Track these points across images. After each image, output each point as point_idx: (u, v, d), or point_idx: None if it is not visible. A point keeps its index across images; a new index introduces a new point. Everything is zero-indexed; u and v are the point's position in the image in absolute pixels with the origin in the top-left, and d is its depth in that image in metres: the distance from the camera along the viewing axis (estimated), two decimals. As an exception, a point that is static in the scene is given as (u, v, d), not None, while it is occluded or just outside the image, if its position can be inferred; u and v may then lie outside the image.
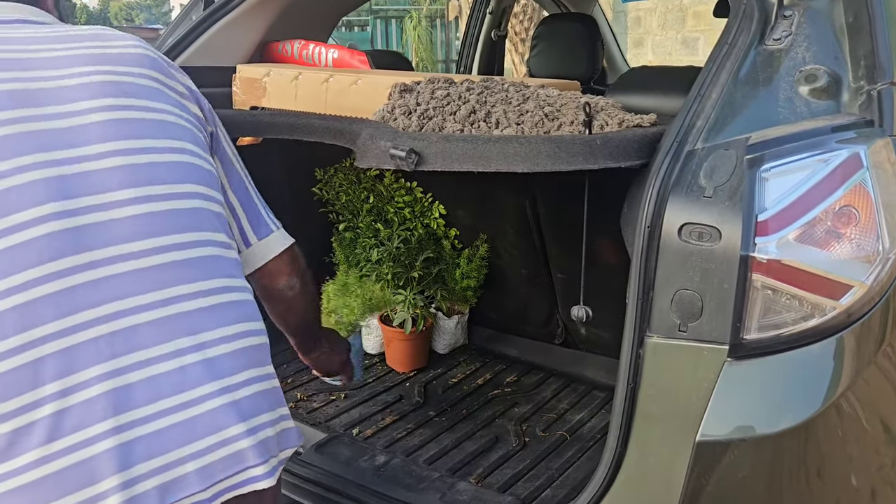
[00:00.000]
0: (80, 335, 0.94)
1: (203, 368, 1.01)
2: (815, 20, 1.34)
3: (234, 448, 1.01)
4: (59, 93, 1.03)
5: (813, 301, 1.11)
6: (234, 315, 1.08)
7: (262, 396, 1.07)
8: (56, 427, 0.91)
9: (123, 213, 1.01)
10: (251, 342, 1.09)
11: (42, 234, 0.94)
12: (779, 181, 1.11)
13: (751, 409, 1.15)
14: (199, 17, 2.24)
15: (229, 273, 1.11)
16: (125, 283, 0.99)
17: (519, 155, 1.29)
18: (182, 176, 1.09)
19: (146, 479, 0.93)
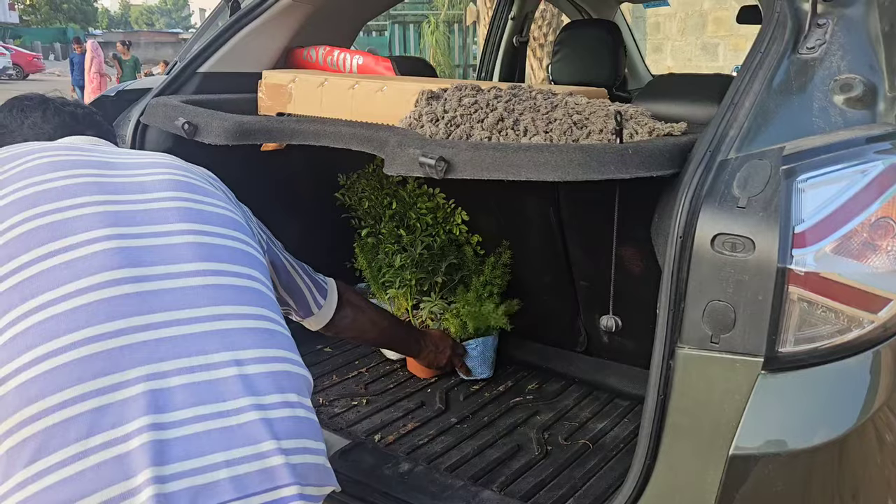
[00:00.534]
0: (127, 338, 1.00)
1: (241, 382, 1.05)
2: (849, 29, 1.32)
3: (268, 464, 1.01)
4: (148, 215, 1.17)
5: (850, 314, 1.09)
6: (274, 342, 1.13)
7: (298, 422, 1.08)
8: (95, 423, 0.94)
9: (189, 283, 1.13)
10: (289, 368, 1.13)
11: (100, 250, 1.07)
12: (816, 192, 1.10)
13: (785, 423, 1.14)
14: (225, 24, 2.25)
15: (270, 306, 1.20)
16: (176, 295, 1.07)
17: (550, 163, 1.29)
18: (244, 261, 1.23)
19: (179, 479, 0.94)
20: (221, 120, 1.80)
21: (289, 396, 1.09)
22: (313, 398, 2.21)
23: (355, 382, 2.37)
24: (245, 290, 1.16)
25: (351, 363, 2.50)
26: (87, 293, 1.02)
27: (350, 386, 2.35)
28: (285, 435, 1.04)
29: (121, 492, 0.91)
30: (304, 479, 1.04)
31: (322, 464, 1.10)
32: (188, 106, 1.91)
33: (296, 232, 2.57)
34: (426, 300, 2.36)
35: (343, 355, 2.57)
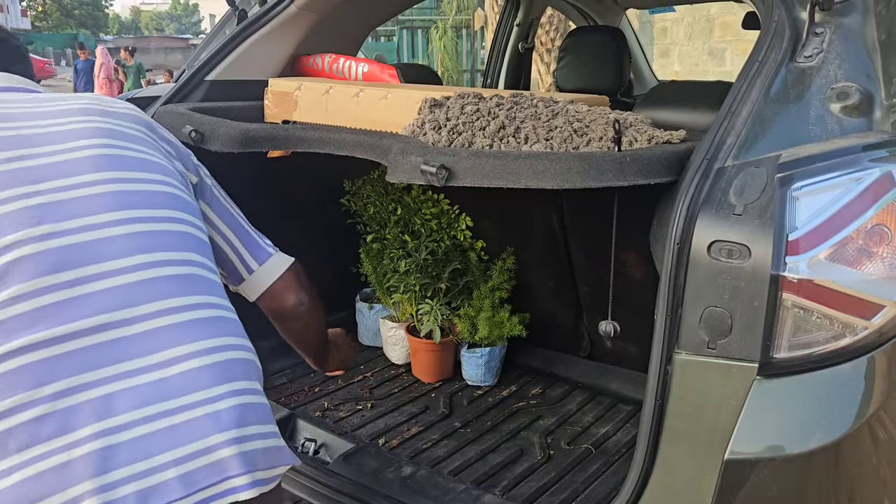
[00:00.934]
0: (64, 346, 0.99)
1: (184, 379, 1.04)
2: (846, 37, 1.34)
3: (216, 457, 1.01)
4: (61, 167, 1.12)
5: (844, 320, 1.11)
6: (216, 330, 1.11)
7: (246, 409, 1.08)
8: (36, 433, 0.94)
9: (109, 233, 1.08)
10: (233, 356, 1.11)
11: (25, 255, 1.02)
12: (810, 200, 1.11)
13: (780, 427, 1.15)
14: (232, 32, 2.28)
15: (212, 292, 1.16)
16: (110, 297, 1.04)
17: (549, 171, 1.30)
18: (168, 204, 1.18)
19: (125, 484, 0.95)
20: (227, 128, 1.82)
21: (235, 385, 1.08)
22: (319, 402, 2.25)
23: (360, 387, 2.39)
24: (184, 277, 1.13)
25: (356, 367, 2.52)
26: (15, 303, 0.99)
27: (355, 390, 2.37)
28: (234, 424, 1.04)
29: (62, 500, 0.92)
30: (255, 465, 1.05)
31: (273, 446, 1.10)
32: (195, 114, 1.93)
33: (302, 237, 2.59)
34: (426, 303, 2.38)
35: (348, 360, 2.59)
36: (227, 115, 1.99)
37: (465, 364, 2.40)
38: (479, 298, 2.37)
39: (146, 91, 2.35)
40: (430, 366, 2.42)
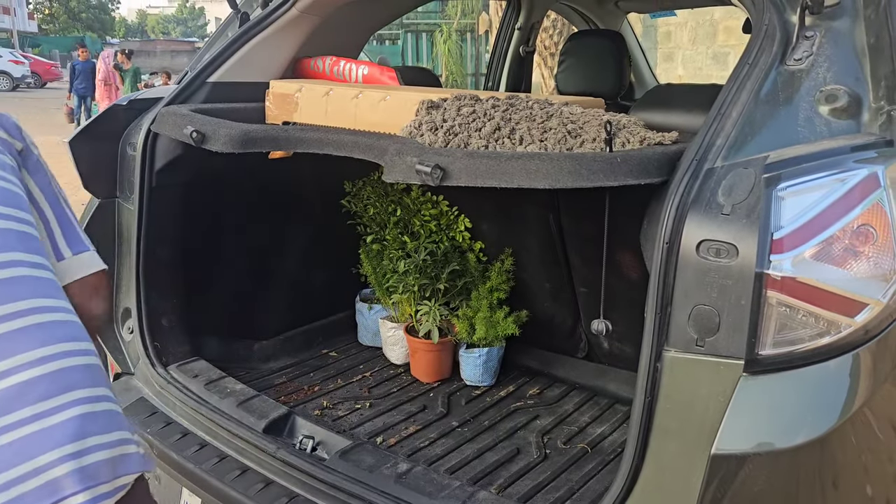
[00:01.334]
0: None
1: (16, 393, 0.97)
2: (836, 41, 1.36)
3: (48, 477, 0.94)
4: None
5: (828, 318, 1.12)
6: (46, 336, 1.03)
7: (86, 419, 1.00)
8: None
9: None
10: (73, 362, 1.04)
11: None
12: (795, 200, 1.13)
13: (766, 423, 1.16)
14: (234, 34, 2.31)
15: (44, 293, 1.07)
16: None
17: (541, 171, 1.33)
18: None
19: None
20: (228, 128, 1.85)
21: (74, 394, 1.01)
22: (318, 401, 2.28)
23: (359, 386, 2.42)
24: (5, 281, 1.03)
25: (355, 367, 2.55)
26: None
27: (354, 389, 2.39)
28: (69, 438, 0.97)
29: None
30: (96, 479, 0.98)
31: (120, 454, 1.03)
32: (197, 115, 1.96)
33: (303, 238, 2.63)
34: (425, 304, 2.40)
35: (348, 359, 2.61)
36: (228, 117, 2.02)
37: (464, 364, 2.42)
38: (478, 299, 2.39)
39: (149, 93, 2.38)
40: (428, 366, 2.44)
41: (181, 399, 2.01)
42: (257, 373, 2.43)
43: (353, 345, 2.72)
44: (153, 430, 1.94)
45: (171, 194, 2.17)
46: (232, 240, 2.41)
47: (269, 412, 1.93)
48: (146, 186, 2.10)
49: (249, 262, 2.49)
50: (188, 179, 2.19)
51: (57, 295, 1.09)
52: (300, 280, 2.64)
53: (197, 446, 1.88)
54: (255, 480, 1.75)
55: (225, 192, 2.33)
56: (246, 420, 1.89)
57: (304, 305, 2.68)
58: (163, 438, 1.91)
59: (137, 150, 2.10)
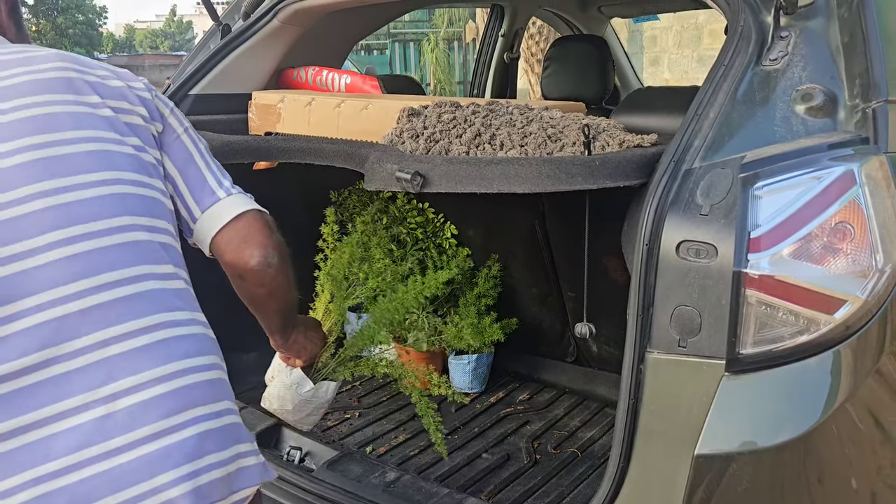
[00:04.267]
0: (2, 387, 0.91)
1: (131, 413, 0.96)
2: (810, 40, 1.36)
3: (163, 497, 0.94)
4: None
5: (808, 316, 1.13)
6: (172, 353, 1.01)
7: (204, 437, 1.00)
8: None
9: (46, 258, 0.96)
10: (197, 378, 1.03)
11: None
12: (772, 199, 1.14)
13: (749, 422, 1.17)
14: (216, 46, 2.31)
15: (172, 306, 1.04)
16: (47, 331, 0.94)
17: (520, 176, 1.33)
18: (114, 210, 1.03)
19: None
20: (209, 140, 1.84)
21: (194, 412, 1.00)
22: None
23: (349, 395, 2.41)
24: (133, 297, 1.00)
25: (344, 377, 2.54)
26: None
27: (343, 399, 2.38)
28: (186, 459, 0.97)
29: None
30: (210, 497, 0.98)
31: (236, 469, 1.02)
32: (178, 127, 1.95)
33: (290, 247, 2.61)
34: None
35: (337, 369, 2.60)
36: (211, 129, 2.02)
37: (453, 371, 2.42)
38: (465, 306, 2.38)
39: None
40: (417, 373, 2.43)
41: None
42: (246, 385, 2.41)
43: (342, 354, 2.71)
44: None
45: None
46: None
47: (256, 424, 1.92)
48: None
49: (236, 274, 2.48)
50: (172, 192, 2.18)
51: (185, 306, 1.07)
52: (288, 291, 2.63)
53: (184, 460, 1.87)
54: (242, 493, 1.73)
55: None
56: (233, 432, 1.88)
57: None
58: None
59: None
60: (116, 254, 1.01)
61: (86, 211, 1.00)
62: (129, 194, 1.05)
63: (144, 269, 1.03)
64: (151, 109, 1.16)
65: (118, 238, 1.02)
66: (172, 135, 1.19)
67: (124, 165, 1.06)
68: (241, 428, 1.07)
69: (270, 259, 1.20)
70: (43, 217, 0.97)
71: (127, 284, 1.01)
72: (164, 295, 1.04)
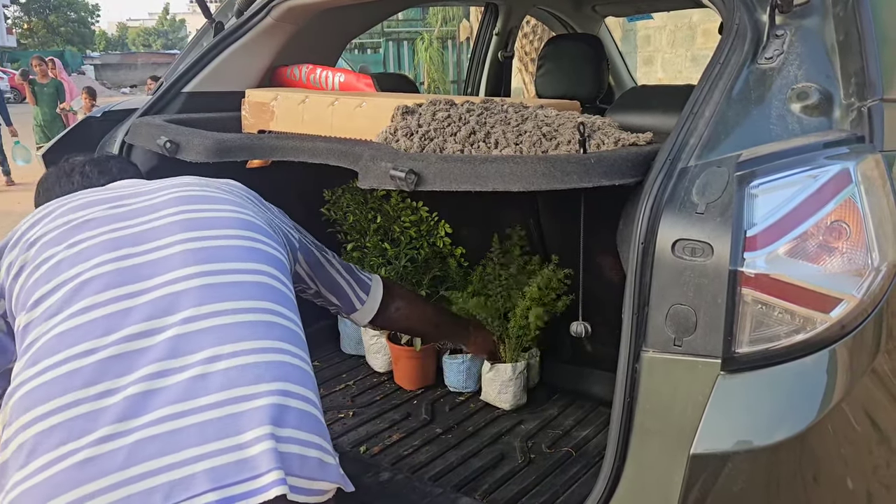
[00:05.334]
0: (118, 348, 1.08)
1: (227, 375, 1.07)
2: (806, 39, 1.36)
3: (248, 453, 1.02)
4: (147, 234, 1.25)
5: (804, 314, 1.12)
6: (275, 334, 1.15)
7: (288, 411, 1.08)
8: (74, 429, 1.01)
9: (186, 286, 1.18)
10: (290, 360, 1.14)
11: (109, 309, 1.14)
12: (768, 197, 1.13)
13: (745, 421, 1.16)
14: (209, 44, 2.30)
15: (277, 302, 1.23)
16: (170, 300, 1.14)
17: (515, 174, 1.32)
18: (246, 258, 1.25)
19: (153, 476, 0.98)
20: (202, 138, 1.83)
21: (284, 385, 1.09)
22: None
23: (342, 395, 2.40)
24: (247, 285, 1.20)
25: (338, 376, 2.53)
26: (87, 312, 1.11)
27: (337, 398, 2.37)
28: (269, 421, 1.04)
29: (90, 490, 0.96)
30: (289, 468, 1.03)
31: (314, 457, 1.08)
32: (170, 125, 1.94)
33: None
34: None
35: (330, 368, 2.59)
36: (203, 127, 2.00)
37: (447, 370, 2.41)
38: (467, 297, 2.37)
39: (123, 104, 2.36)
40: (411, 373, 2.43)
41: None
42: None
43: (335, 353, 2.70)
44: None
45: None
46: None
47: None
48: (121, 198, 2.08)
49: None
50: (164, 190, 2.16)
51: (290, 306, 1.26)
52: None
53: (177, 460, 1.86)
54: (235, 493, 1.72)
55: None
56: (226, 432, 1.87)
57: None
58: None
59: (112, 162, 2.07)
60: (244, 289, 1.20)
61: (220, 254, 1.24)
62: (260, 250, 1.30)
63: (257, 266, 1.25)
64: (293, 238, 1.55)
65: (246, 277, 1.22)
66: (306, 249, 1.58)
67: (275, 265, 1.32)
68: (324, 427, 1.15)
69: (399, 306, 1.81)
70: (183, 256, 1.21)
71: (241, 273, 1.21)
72: (269, 289, 1.23)
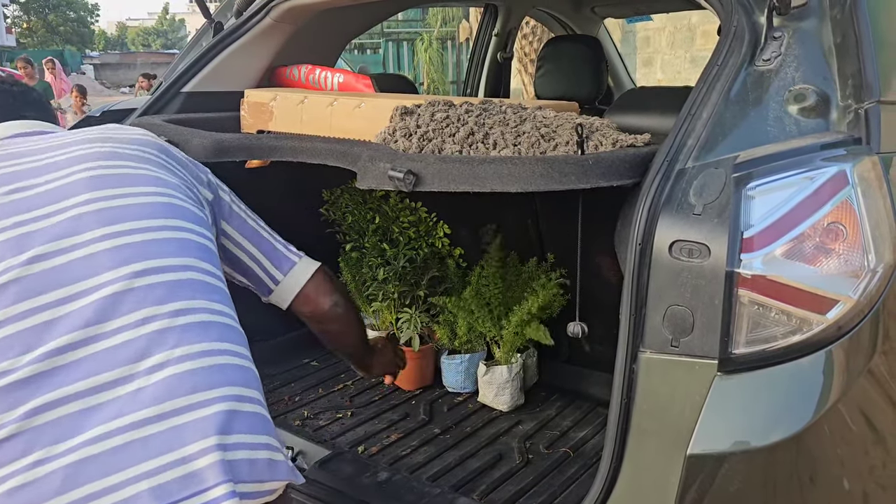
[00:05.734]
0: (39, 366, 0.98)
1: (166, 385, 1.01)
2: (803, 41, 1.37)
3: (193, 467, 0.97)
4: (53, 193, 1.12)
5: (800, 316, 1.13)
6: (210, 335, 1.08)
7: (234, 416, 1.03)
8: (3, 453, 0.94)
9: (94, 249, 1.08)
10: (230, 361, 1.08)
11: (10, 281, 1.03)
12: (765, 199, 1.14)
13: (741, 422, 1.17)
14: (209, 44, 2.30)
15: (210, 297, 1.13)
16: (89, 312, 1.03)
17: (513, 175, 1.32)
18: (165, 214, 1.16)
19: (95, 500, 0.93)
20: (201, 138, 1.84)
21: (228, 390, 1.04)
22: (299, 411, 2.25)
23: (340, 395, 2.40)
24: (179, 283, 1.10)
25: (336, 376, 2.53)
26: None
27: (335, 399, 2.37)
28: (215, 430, 1.00)
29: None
30: (238, 476, 1.00)
31: (263, 458, 1.04)
32: (169, 125, 1.95)
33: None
34: (405, 311, 2.39)
35: (329, 369, 2.59)
36: (202, 126, 2.01)
37: (445, 371, 2.41)
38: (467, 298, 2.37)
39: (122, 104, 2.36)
40: (410, 373, 2.42)
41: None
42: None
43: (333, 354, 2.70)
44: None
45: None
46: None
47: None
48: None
49: (228, 273, 2.47)
50: (163, 190, 2.16)
51: (224, 301, 1.16)
52: (280, 290, 2.62)
53: (175, 460, 1.86)
54: (233, 493, 1.72)
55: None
56: (224, 432, 1.87)
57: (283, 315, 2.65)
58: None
59: (111, 162, 2.07)
60: (164, 246, 1.12)
61: (136, 212, 1.14)
62: (179, 206, 1.21)
63: (190, 261, 1.14)
64: (209, 183, 1.38)
65: (165, 234, 1.14)
66: (225, 205, 1.42)
67: (188, 218, 1.21)
68: (271, 424, 1.11)
69: (337, 301, 1.51)
70: (94, 217, 1.10)
71: (174, 271, 1.11)
72: (205, 286, 1.14)
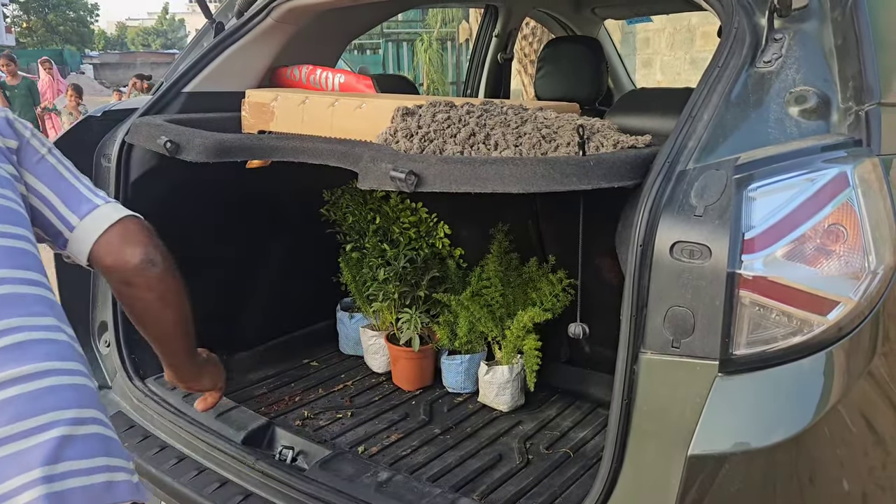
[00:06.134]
0: None
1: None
2: (804, 43, 1.37)
3: (18, 502, 0.88)
4: None
5: (801, 317, 1.13)
6: (29, 355, 0.97)
7: (64, 443, 0.94)
8: None
9: None
10: (59, 381, 0.98)
11: None
12: (766, 200, 1.14)
13: (742, 423, 1.17)
14: (210, 44, 2.30)
15: (32, 311, 1.01)
16: None
17: (514, 176, 1.33)
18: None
19: None
20: (202, 138, 1.84)
21: (56, 415, 0.95)
22: (299, 411, 2.26)
23: (341, 395, 2.40)
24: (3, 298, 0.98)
25: (337, 376, 2.53)
26: None
27: (335, 399, 2.37)
28: (40, 462, 0.91)
29: None
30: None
31: (101, 482, 0.95)
32: (171, 125, 1.95)
33: (283, 247, 2.61)
34: (405, 311, 2.39)
35: (329, 369, 2.60)
36: (203, 127, 2.01)
37: (445, 371, 2.41)
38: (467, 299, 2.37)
39: (124, 104, 2.36)
40: (410, 373, 2.43)
41: (159, 412, 1.99)
42: (237, 384, 2.40)
43: (334, 354, 2.71)
44: (131, 444, 1.92)
45: (147, 205, 2.15)
46: (210, 250, 2.39)
47: (248, 423, 1.91)
48: (121, 198, 2.08)
49: (228, 273, 2.47)
50: (164, 190, 2.17)
51: (48, 312, 1.02)
52: (280, 290, 2.63)
53: (175, 459, 1.86)
54: (233, 493, 1.73)
55: (203, 202, 2.31)
56: (224, 432, 1.87)
57: (284, 315, 2.67)
58: (141, 452, 1.89)
59: (112, 162, 2.08)
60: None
61: None
62: None
63: (3, 273, 1.00)
64: (3, 127, 1.16)
65: None
66: (35, 156, 1.19)
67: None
68: (113, 442, 1.01)
69: (152, 257, 1.19)
70: None
71: None
72: (21, 300, 1.00)
